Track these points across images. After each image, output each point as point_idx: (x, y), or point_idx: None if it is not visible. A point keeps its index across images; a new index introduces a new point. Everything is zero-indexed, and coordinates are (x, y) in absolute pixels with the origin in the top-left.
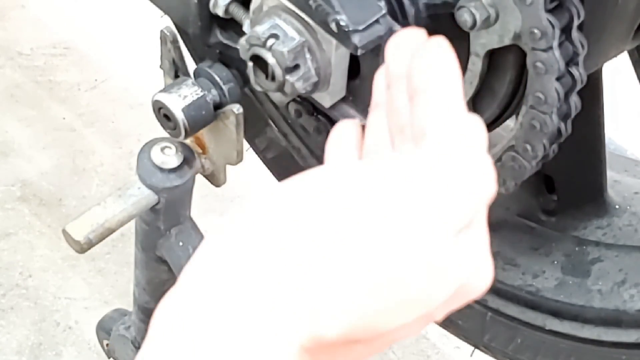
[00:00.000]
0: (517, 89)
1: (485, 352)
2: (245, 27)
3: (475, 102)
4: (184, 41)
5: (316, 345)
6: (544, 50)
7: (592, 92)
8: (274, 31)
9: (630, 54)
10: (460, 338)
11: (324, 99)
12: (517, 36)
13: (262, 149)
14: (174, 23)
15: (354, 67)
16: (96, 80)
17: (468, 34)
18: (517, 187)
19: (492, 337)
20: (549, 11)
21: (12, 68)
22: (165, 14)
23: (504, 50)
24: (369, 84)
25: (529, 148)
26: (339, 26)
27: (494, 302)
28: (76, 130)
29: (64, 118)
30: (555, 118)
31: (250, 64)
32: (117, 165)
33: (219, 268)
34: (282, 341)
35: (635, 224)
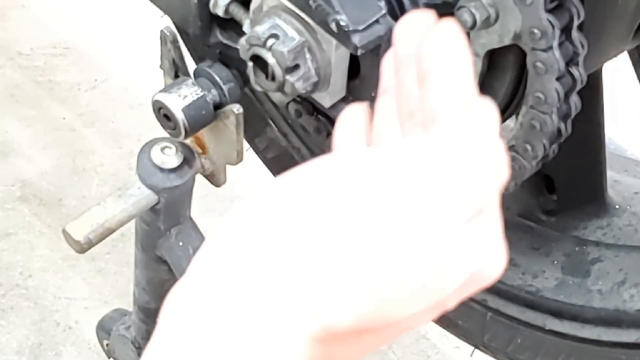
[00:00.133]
0: (517, 89)
1: (485, 352)
2: (245, 27)
3: None
4: (184, 41)
5: (328, 335)
6: (544, 50)
7: (592, 92)
8: (274, 31)
9: (630, 54)
10: (460, 338)
11: (324, 99)
12: (517, 36)
13: (262, 149)
14: (174, 23)
15: (354, 67)
16: (96, 80)
17: (468, 34)
18: (517, 187)
19: (492, 337)
20: (549, 11)
21: (12, 68)
22: (165, 14)
23: (504, 50)
24: (369, 84)
25: (529, 148)
26: (339, 26)
27: (494, 302)
28: (76, 130)
29: (64, 118)
30: (555, 118)
31: (250, 64)
32: (117, 165)
33: (229, 261)
34: (294, 332)
35: (635, 224)
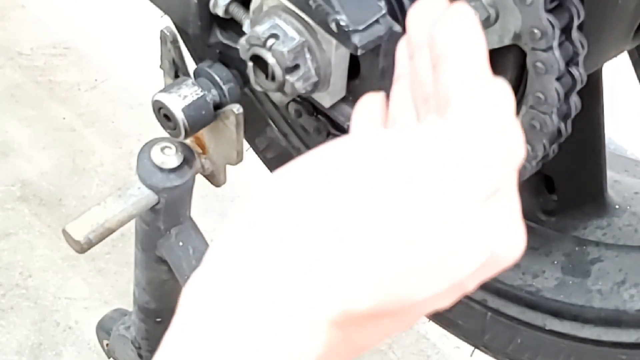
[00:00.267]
0: (517, 89)
1: (485, 352)
2: (245, 27)
3: None
4: (184, 41)
5: (346, 319)
6: (544, 50)
7: (592, 92)
8: (274, 31)
9: (630, 54)
10: (460, 338)
11: (324, 99)
12: (517, 36)
13: (262, 149)
14: (174, 23)
15: (354, 67)
16: (96, 80)
17: None
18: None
19: (492, 337)
20: (549, 11)
21: (12, 68)
22: (165, 14)
23: (504, 50)
24: (369, 84)
25: (529, 148)
26: (339, 26)
27: (494, 302)
28: (76, 130)
29: (64, 118)
30: (555, 118)
31: (250, 64)
32: (117, 165)
33: (244, 251)
34: (313, 317)
35: (635, 224)
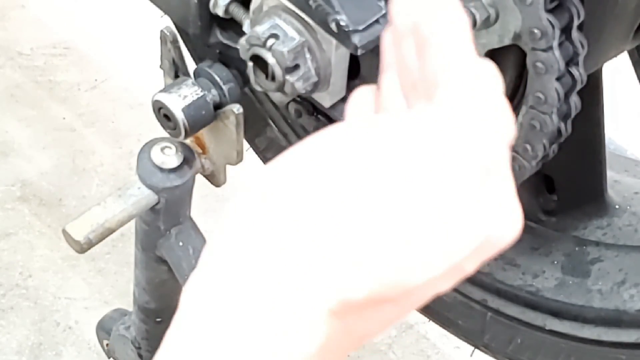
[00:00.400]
0: (517, 89)
1: (485, 352)
2: (245, 27)
3: None
4: (184, 41)
5: (346, 308)
6: (544, 50)
7: (592, 92)
8: (274, 31)
9: (630, 54)
10: (460, 338)
11: (324, 99)
12: (517, 36)
13: (262, 149)
14: (174, 23)
15: (354, 67)
16: (96, 80)
17: None
18: (517, 187)
19: (492, 337)
20: (549, 11)
21: (12, 68)
22: (165, 14)
23: (504, 50)
24: (368, 84)
25: (529, 148)
26: (339, 26)
27: (494, 302)
28: (76, 130)
29: (64, 118)
30: (555, 118)
31: (250, 64)
32: (117, 165)
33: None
34: (312, 308)
35: (635, 224)
